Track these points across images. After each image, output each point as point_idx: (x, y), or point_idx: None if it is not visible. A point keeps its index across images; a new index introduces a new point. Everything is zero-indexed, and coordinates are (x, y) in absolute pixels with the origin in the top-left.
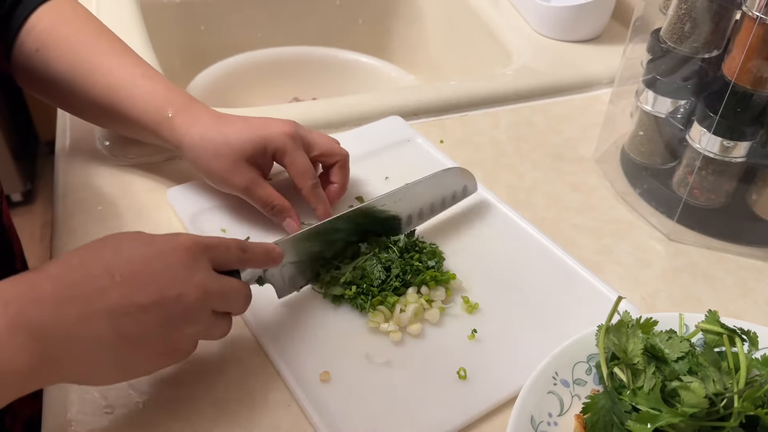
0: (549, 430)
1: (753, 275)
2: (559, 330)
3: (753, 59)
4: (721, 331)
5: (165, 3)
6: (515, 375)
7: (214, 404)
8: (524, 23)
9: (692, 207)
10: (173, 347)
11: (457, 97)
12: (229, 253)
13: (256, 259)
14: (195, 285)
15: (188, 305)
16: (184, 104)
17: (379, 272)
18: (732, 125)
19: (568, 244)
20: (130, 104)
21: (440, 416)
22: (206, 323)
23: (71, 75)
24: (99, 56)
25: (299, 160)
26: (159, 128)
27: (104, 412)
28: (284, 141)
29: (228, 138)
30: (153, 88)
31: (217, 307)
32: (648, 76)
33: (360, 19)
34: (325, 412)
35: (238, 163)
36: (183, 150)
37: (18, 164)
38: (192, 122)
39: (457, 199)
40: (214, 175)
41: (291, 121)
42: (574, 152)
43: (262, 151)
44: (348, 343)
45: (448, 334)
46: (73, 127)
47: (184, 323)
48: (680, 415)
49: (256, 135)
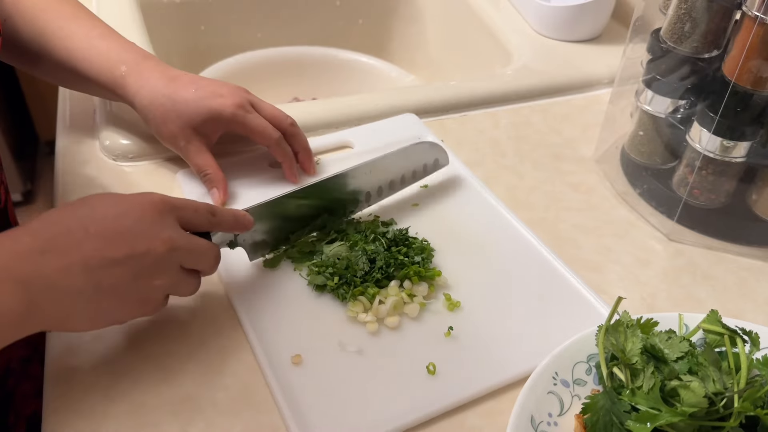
0: (549, 430)
1: (753, 275)
2: (538, 336)
3: (753, 59)
4: (722, 332)
5: (165, 3)
6: (484, 375)
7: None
8: (524, 23)
9: (692, 207)
10: (144, 298)
11: (457, 97)
12: (198, 215)
13: (225, 224)
14: (162, 240)
15: (156, 258)
16: (136, 62)
17: (363, 263)
18: (732, 125)
19: (568, 244)
20: (87, 65)
21: (402, 409)
22: (174, 277)
23: (35, 41)
24: (59, 21)
25: (254, 123)
26: (114, 87)
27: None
28: (234, 111)
29: (177, 106)
30: (108, 47)
31: (185, 263)
32: (648, 76)
33: (360, 19)
34: (291, 393)
35: (183, 130)
36: (136, 108)
37: (18, 164)
38: (142, 82)
39: (428, 172)
40: (160, 136)
41: (240, 90)
42: (574, 152)
43: (211, 121)
44: (324, 329)
45: (425, 330)
46: (73, 128)
47: (153, 276)
48: (680, 415)
49: (206, 107)
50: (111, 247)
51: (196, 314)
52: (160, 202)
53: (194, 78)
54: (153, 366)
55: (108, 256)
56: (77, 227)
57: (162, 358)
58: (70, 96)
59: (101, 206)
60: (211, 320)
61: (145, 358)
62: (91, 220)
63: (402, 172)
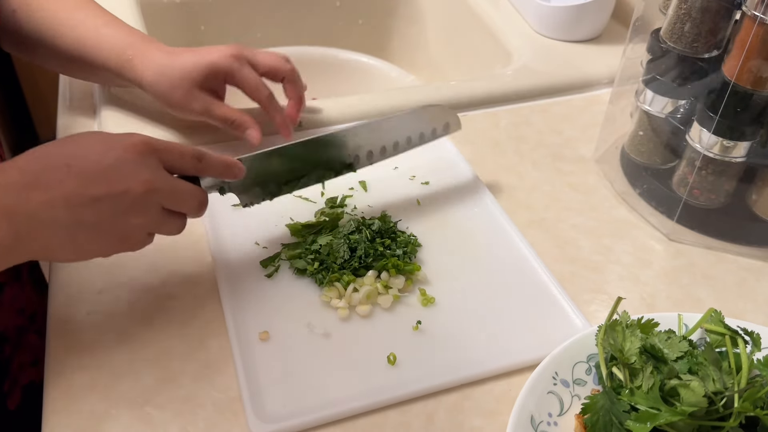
0: (549, 430)
1: (753, 275)
2: (507, 342)
3: (753, 59)
4: (723, 332)
5: (165, 3)
6: (442, 372)
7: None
8: (524, 23)
9: (692, 207)
10: (125, 235)
11: (457, 97)
12: (183, 159)
13: (213, 169)
14: (141, 181)
15: (134, 198)
16: (141, 45)
17: (344, 251)
18: (732, 125)
19: (568, 244)
20: (96, 53)
21: (354, 393)
22: (155, 217)
23: (43, 32)
24: (66, 11)
25: (249, 76)
26: (122, 71)
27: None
28: (230, 62)
29: (179, 69)
30: (114, 34)
31: (167, 205)
32: (648, 75)
33: (360, 19)
34: (252, 367)
35: (192, 91)
36: (145, 88)
37: None
38: (148, 62)
39: (438, 135)
40: (174, 106)
41: (235, 44)
42: (573, 152)
43: (212, 75)
44: (297, 311)
45: (395, 321)
46: (73, 128)
47: (132, 214)
48: (679, 414)
49: (203, 60)
50: (91, 185)
51: (196, 314)
52: (141, 144)
53: (193, 48)
54: (153, 366)
55: (88, 194)
56: (61, 164)
57: (162, 358)
58: (70, 96)
59: (85, 144)
60: (211, 320)
61: (145, 358)
62: (73, 158)
63: (409, 133)
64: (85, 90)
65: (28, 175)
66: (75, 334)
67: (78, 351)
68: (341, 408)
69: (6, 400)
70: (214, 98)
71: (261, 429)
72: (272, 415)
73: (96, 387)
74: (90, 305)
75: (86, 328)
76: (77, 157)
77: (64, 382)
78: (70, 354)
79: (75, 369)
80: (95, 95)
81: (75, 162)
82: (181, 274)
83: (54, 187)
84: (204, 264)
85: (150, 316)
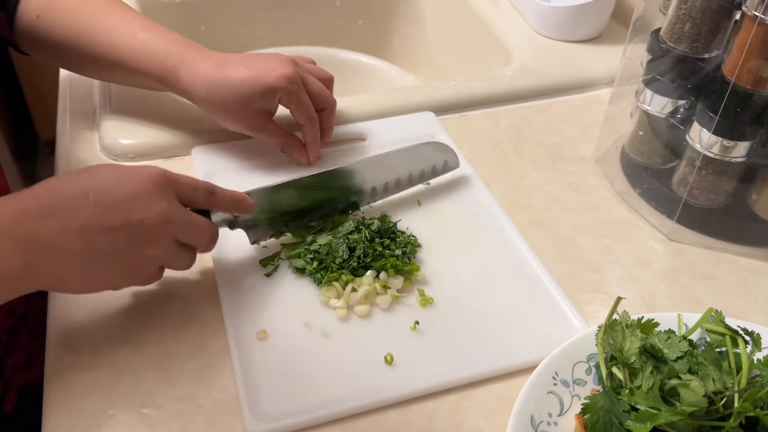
0: (549, 430)
1: (753, 275)
2: (507, 342)
3: (753, 59)
4: (724, 332)
5: (165, 3)
6: (441, 372)
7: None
8: (524, 23)
9: (692, 207)
10: (137, 266)
11: (457, 97)
12: (196, 192)
13: (224, 204)
14: (157, 212)
15: (150, 229)
16: (182, 53)
17: (343, 251)
18: (732, 125)
19: (568, 244)
20: (135, 58)
21: (350, 393)
22: (168, 250)
23: (72, 37)
24: (97, 16)
25: (303, 103)
26: (165, 80)
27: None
28: (287, 86)
29: (233, 88)
30: (153, 39)
31: (179, 238)
32: (648, 76)
33: (360, 19)
34: (249, 365)
35: (247, 110)
36: (194, 101)
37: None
38: (195, 74)
39: (437, 173)
40: (227, 123)
41: (290, 62)
42: (573, 152)
43: (269, 96)
44: (295, 309)
45: (394, 321)
46: (73, 128)
47: (147, 245)
48: (679, 414)
49: (259, 82)
50: (107, 214)
51: (196, 314)
52: (159, 176)
53: (241, 57)
54: (153, 366)
55: (104, 223)
56: (78, 194)
57: (162, 358)
58: (70, 96)
59: (102, 175)
60: (210, 320)
61: (145, 358)
62: (90, 188)
63: (410, 170)
64: (85, 90)
65: (45, 204)
66: (75, 334)
67: (78, 351)
68: (339, 408)
69: (2, 404)
70: (267, 117)
71: (257, 428)
72: (269, 415)
73: (96, 387)
74: (90, 305)
75: (86, 328)
76: (94, 187)
77: (64, 382)
78: (70, 354)
79: (75, 369)
80: (95, 96)
81: (92, 192)
82: (181, 274)
83: (70, 216)
84: (203, 263)
85: (150, 315)
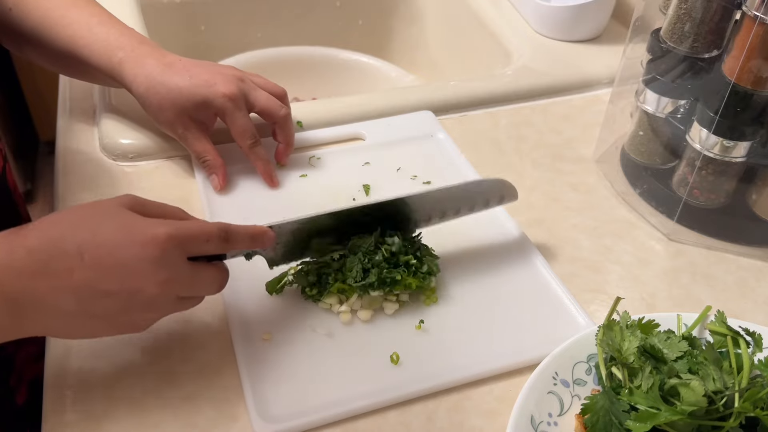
0: (549, 430)
1: (753, 275)
2: (508, 342)
3: (753, 59)
4: (726, 332)
5: (165, 3)
6: (442, 372)
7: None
8: (524, 23)
9: (692, 207)
10: (134, 326)
11: (457, 97)
12: (209, 244)
13: (240, 245)
14: (157, 282)
15: (148, 298)
16: (132, 47)
17: (357, 272)
18: (732, 125)
19: (568, 244)
20: (88, 52)
21: (358, 394)
22: (168, 309)
23: (38, 29)
24: (61, 9)
25: (238, 122)
26: (112, 74)
27: None
28: (223, 103)
29: (171, 93)
30: (107, 33)
31: (183, 294)
32: (648, 75)
33: (360, 19)
34: (255, 368)
35: (180, 117)
36: (133, 95)
37: (18, 164)
38: (138, 69)
39: (492, 206)
40: (159, 123)
41: (235, 78)
42: (573, 152)
43: (203, 109)
44: (300, 312)
45: (398, 321)
46: (73, 128)
47: (144, 311)
48: (679, 413)
49: (198, 94)
50: (103, 279)
51: (197, 314)
52: (165, 238)
53: (189, 64)
54: (153, 366)
55: (99, 288)
56: (73, 252)
57: (162, 359)
58: (70, 96)
59: (103, 231)
60: (212, 321)
61: (146, 357)
62: (88, 247)
63: (458, 204)
64: (85, 90)
65: (37, 261)
66: None
67: (78, 351)
68: (344, 408)
69: (14, 396)
70: (200, 129)
71: (265, 429)
72: (275, 416)
73: (96, 387)
74: None
75: None
76: (92, 246)
77: (64, 382)
78: (70, 354)
79: (75, 369)
80: (95, 96)
81: (89, 251)
82: None
83: (63, 276)
84: None
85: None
